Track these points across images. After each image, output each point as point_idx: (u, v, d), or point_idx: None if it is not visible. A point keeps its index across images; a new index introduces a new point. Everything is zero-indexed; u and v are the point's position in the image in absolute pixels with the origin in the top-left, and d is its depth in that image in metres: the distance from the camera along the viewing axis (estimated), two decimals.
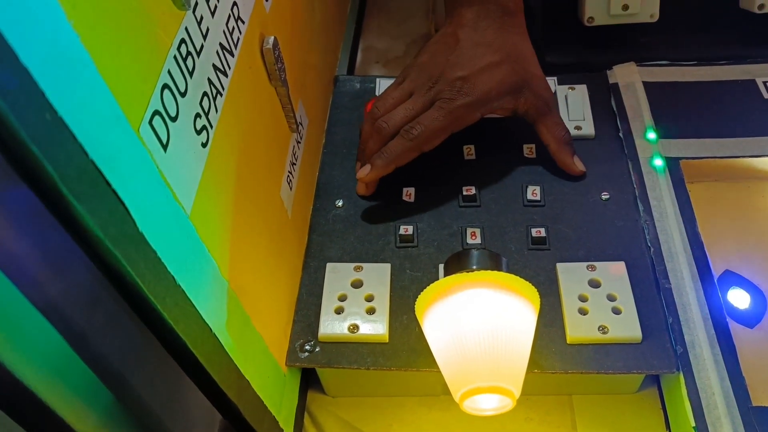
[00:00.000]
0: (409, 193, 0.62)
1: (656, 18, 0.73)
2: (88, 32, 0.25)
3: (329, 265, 0.56)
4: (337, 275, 0.55)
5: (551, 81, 0.71)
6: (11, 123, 0.21)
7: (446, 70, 0.58)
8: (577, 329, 0.51)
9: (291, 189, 0.55)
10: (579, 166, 0.62)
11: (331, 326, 0.52)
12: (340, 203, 0.61)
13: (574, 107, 0.68)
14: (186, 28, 0.35)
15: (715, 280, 0.54)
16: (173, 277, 0.32)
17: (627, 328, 0.50)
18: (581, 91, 0.69)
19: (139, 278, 0.29)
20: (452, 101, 0.57)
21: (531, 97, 0.60)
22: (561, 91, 0.70)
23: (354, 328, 0.52)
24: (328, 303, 0.53)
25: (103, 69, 0.26)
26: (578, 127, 0.66)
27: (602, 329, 0.50)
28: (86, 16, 0.26)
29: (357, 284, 0.55)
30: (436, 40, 0.62)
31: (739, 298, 0.56)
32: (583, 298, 0.52)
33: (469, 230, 0.58)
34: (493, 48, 0.59)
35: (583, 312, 0.52)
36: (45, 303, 0.25)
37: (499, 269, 0.46)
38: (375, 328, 0.52)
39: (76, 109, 0.24)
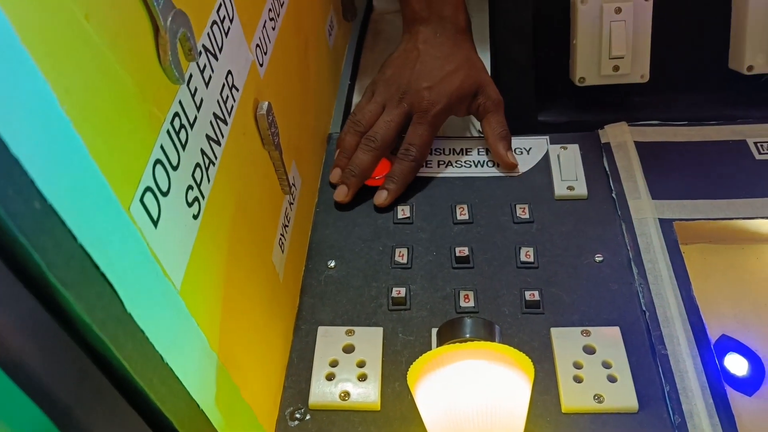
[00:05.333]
0: (401, 254, 0.61)
1: (647, 79, 0.74)
2: (80, 116, 0.25)
3: (321, 329, 0.55)
4: (329, 340, 0.54)
5: (543, 140, 0.71)
6: None
7: (412, 81, 0.68)
8: (573, 398, 0.50)
9: (283, 252, 0.54)
10: (512, 159, 0.69)
11: (322, 393, 0.51)
12: (332, 264, 0.61)
13: (567, 167, 0.68)
14: (180, 102, 0.35)
15: (712, 346, 0.53)
16: (160, 356, 0.31)
17: (623, 397, 0.49)
18: (573, 150, 0.70)
19: (126, 361, 0.28)
20: (427, 112, 0.67)
21: (483, 98, 0.70)
22: (553, 150, 0.70)
23: (345, 395, 0.51)
24: (319, 369, 0.53)
25: (95, 151, 0.26)
26: (571, 188, 0.66)
27: (598, 398, 0.50)
28: (79, 99, 0.25)
29: (348, 349, 0.54)
30: (399, 55, 0.71)
31: (736, 365, 0.55)
32: (578, 365, 0.52)
33: (463, 293, 0.58)
34: (450, 59, 0.69)
35: (578, 380, 0.51)
36: (27, 383, 0.25)
37: (493, 338, 0.46)
38: (367, 395, 0.51)
39: (65, 195, 0.24)
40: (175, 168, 0.34)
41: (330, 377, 0.52)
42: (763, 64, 0.72)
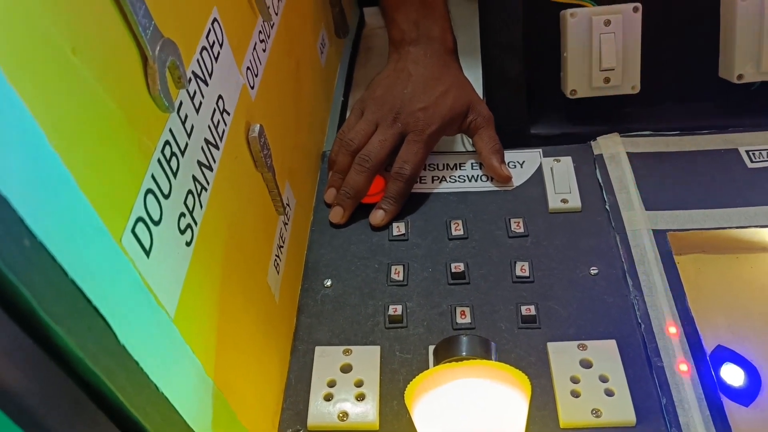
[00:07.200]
0: (397, 271, 0.61)
1: (638, 90, 0.74)
2: (69, 150, 0.25)
3: (318, 349, 0.55)
4: (326, 360, 0.54)
5: (536, 153, 0.72)
6: None
7: (406, 102, 0.68)
8: (570, 413, 0.50)
9: (278, 273, 0.55)
10: (506, 171, 0.69)
11: (321, 414, 0.51)
12: (328, 283, 0.61)
13: (560, 180, 0.68)
14: (170, 130, 0.35)
15: (708, 357, 0.53)
16: (155, 385, 0.31)
17: (620, 411, 0.49)
18: (566, 163, 0.70)
19: (119, 392, 0.28)
20: (423, 132, 0.67)
21: (473, 116, 0.71)
22: (546, 163, 0.70)
23: (344, 415, 0.51)
24: (317, 389, 0.52)
25: (85, 185, 0.26)
26: (564, 200, 0.66)
27: (595, 412, 0.49)
28: (68, 134, 0.26)
29: (346, 369, 0.54)
30: (389, 75, 0.72)
31: (732, 375, 0.55)
32: (575, 380, 0.52)
33: (459, 309, 0.58)
34: (441, 80, 0.70)
35: (575, 394, 0.51)
36: (20, 416, 0.25)
37: (489, 356, 0.46)
38: (365, 414, 0.51)
39: (55, 231, 0.24)
40: (166, 196, 0.34)
41: (328, 398, 0.52)
42: (753, 72, 0.72)
